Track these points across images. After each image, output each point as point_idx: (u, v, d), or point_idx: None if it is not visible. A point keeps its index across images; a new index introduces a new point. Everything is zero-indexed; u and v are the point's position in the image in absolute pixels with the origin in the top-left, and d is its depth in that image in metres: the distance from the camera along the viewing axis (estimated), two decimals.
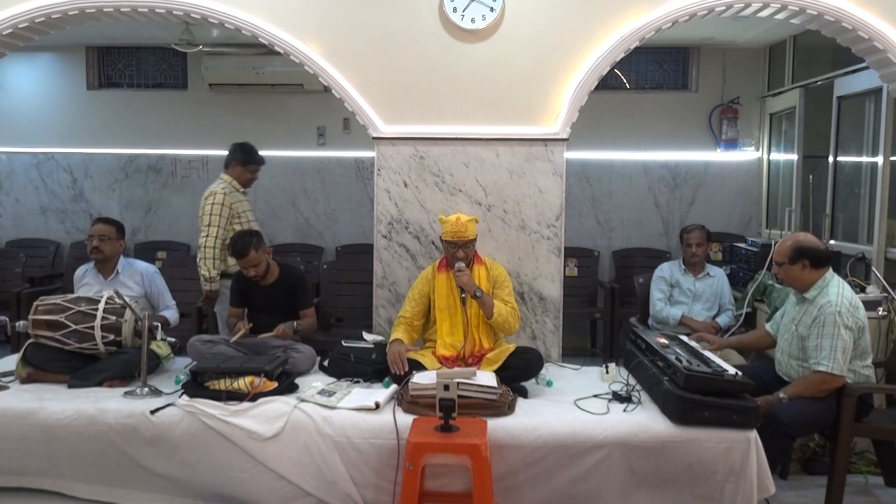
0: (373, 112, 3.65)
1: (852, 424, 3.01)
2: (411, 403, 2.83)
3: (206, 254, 3.93)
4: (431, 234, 3.70)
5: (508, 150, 3.65)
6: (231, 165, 4.16)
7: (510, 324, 3.31)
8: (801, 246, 3.11)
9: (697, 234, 4.28)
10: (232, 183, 4.11)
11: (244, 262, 3.52)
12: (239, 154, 4.16)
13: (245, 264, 3.52)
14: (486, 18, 3.53)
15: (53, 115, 6.29)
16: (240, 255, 3.50)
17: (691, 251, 4.25)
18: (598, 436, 2.74)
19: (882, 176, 4.24)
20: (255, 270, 3.54)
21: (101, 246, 3.63)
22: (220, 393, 2.91)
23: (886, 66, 3.57)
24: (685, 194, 6.13)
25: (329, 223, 6.31)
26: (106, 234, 3.65)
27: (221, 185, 4.05)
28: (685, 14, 3.48)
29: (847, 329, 2.97)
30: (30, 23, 3.59)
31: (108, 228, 3.68)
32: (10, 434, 2.86)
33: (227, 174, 4.14)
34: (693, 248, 4.25)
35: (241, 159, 4.15)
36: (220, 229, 3.94)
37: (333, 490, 2.77)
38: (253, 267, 3.53)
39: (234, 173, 4.14)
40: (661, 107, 6.11)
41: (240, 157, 4.15)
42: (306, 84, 5.87)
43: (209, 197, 3.99)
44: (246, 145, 4.20)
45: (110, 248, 3.66)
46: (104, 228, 3.67)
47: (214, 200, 3.96)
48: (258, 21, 3.58)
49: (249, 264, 3.52)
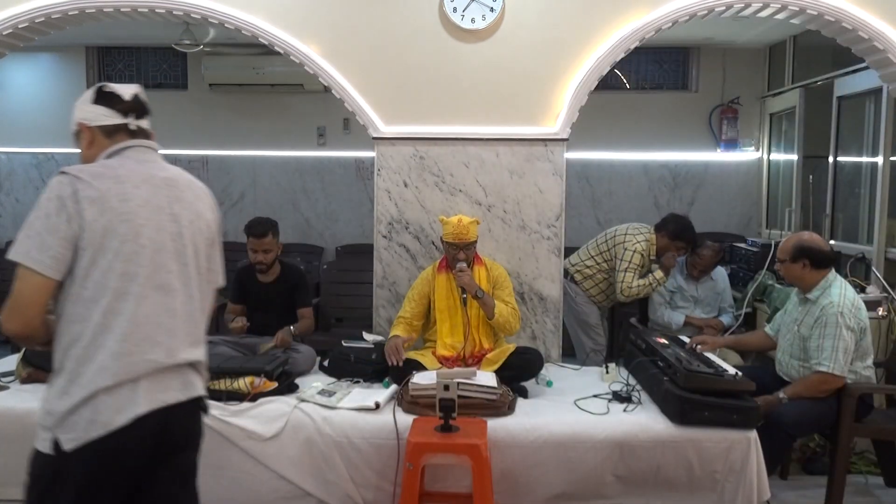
0: (373, 112, 3.65)
1: (852, 424, 3.01)
2: (411, 403, 2.83)
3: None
4: (431, 235, 3.70)
5: (508, 150, 3.65)
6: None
7: (511, 324, 3.31)
8: (804, 245, 3.11)
9: (708, 258, 4.13)
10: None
11: (258, 244, 3.53)
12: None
13: (258, 246, 3.54)
14: (486, 18, 3.53)
15: (53, 115, 6.27)
16: (257, 235, 3.51)
17: (697, 270, 4.16)
18: (598, 436, 2.74)
19: (882, 176, 4.24)
20: (263, 256, 3.56)
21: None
22: (220, 393, 2.91)
23: (886, 66, 3.57)
24: (685, 194, 6.12)
25: (329, 223, 6.31)
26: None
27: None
28: (685, 14, 3.48)
29: (849, 330, 2.97)
30: (30, 23, 3.59)
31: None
32: (10, 434, 2.85)
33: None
34: (698, 269, 4.15)
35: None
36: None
37: (333, 490, 2.76)
38: (263, 252, 3.54)
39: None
40: (661, 107, 6.11)
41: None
42: (306, 84, 5.87)
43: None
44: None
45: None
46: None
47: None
48: (258, 21, 3.57)
49: (262, 247, 3.54)
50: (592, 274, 4.17)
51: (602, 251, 4.16)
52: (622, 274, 3.99)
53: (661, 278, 4.00)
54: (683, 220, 4.11)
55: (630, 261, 3.98)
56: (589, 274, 4.17)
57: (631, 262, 3.98)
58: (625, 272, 3.99)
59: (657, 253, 4.09)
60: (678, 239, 4.03)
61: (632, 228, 4.12)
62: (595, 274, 4.17)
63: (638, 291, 4.01)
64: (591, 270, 4.17)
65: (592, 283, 4.18)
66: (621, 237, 4.09)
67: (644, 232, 4.09)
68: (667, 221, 4.11)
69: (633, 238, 4.04)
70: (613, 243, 4.11)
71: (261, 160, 6.30)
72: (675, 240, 4.03)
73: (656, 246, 4.07)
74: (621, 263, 4.01)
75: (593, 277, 4.17)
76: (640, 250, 3.99)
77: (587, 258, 4.21)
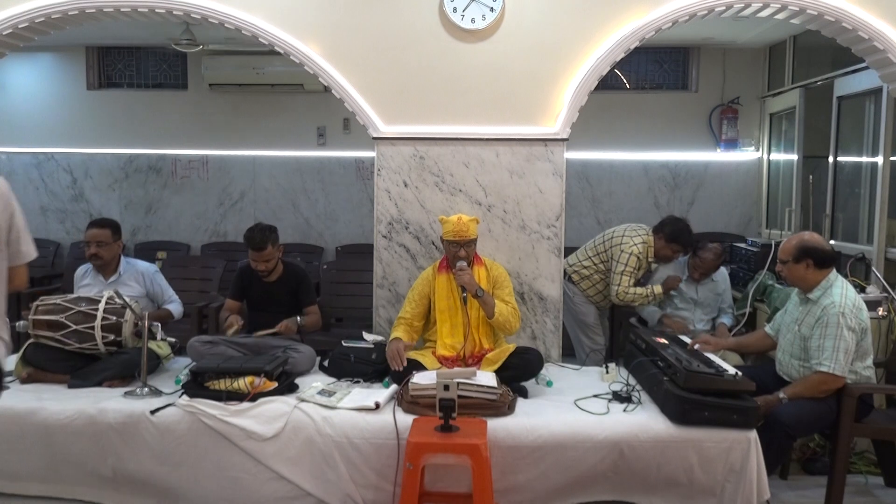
0: (373, 112, 3.65)
1: (852, 424, 3.01)
2: (411, 403, 2.83)
3: None
4: (431, 235, 3.70)
5: (508, 150, 3.65)
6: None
7: (511, 323, 3.31)
8: (806, 245, 3.10)
9: (710, 262, 4.08)
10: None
11: (258, 256, 3.52)
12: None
13: (259, 258, 3.53)
14: (486, 18, 3.53)
15: (53, 115, 6.29)
16: (256, 248, 3.50)
17: (698, 272, 4.12)
18: (598, 436, 2.74)
19: (882, 176, 4.24)
20: (265, 265, 3.55)
21: (99, 252, 3.59)
22: (221, 393, 2.91)
23: (886, 66, 3.57)
24: (685, 194, 6.12)
25: (329, 223, 6.31)
26: (102, 239, 3.60)
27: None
28: (685, 14, 3.48)
29: (850, 330, 2.97)
30: (30, 23, 3.59)
31: (103, 233, 3.61)
32: (10, 434, 2.86)
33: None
34: (699, 271, 4.11)
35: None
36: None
37: (333, 490, 2.77)
38: (265, 262, 3.54)
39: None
40: (661, 107, 6.11)
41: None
42: (306, 84, 5.87)
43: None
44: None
45: (109, 252, 3.62)
46: (99, 234, 3.60)
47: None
48: (258, 21, 3.58)
49: (263, 259, 3.53)
50: (589, 275, 4.17)
51: (599, 252, 4.16)
52: (618, 277, 3.99)
53: (658, 293, 4.01)
54: (681, 223, 4.09)
55: (626, 263, 3.98)
56: (586, 275, 4.18)
57: (627, 265, 3.98)
58: (621, 275, 3.99)
59: (655, 255, 4.08)
60: (674, 242, 4.02)
61: (629, 230, 4.11)
62: (592, 275, 4.17)
63: (633, 299, 4.01)
64: (588, 271, 4.17)
65: (589, 283, 4.19)
66: (618, 238, 4.08)
67: (641, 234, 4.07)
68: (664, 224, 4.09)
69: (629, 240, 4.03)
70: (610, 244, 4.11)
71: (261, 160, 6.30)
72: (670, 243, 4.03)
73: (654, 248, 4.06)
74: (617, 266, 4.01)
75: (590, 278, 4.17)
76: (636, 252, 3.99)
77: (584, 258, 4.21)
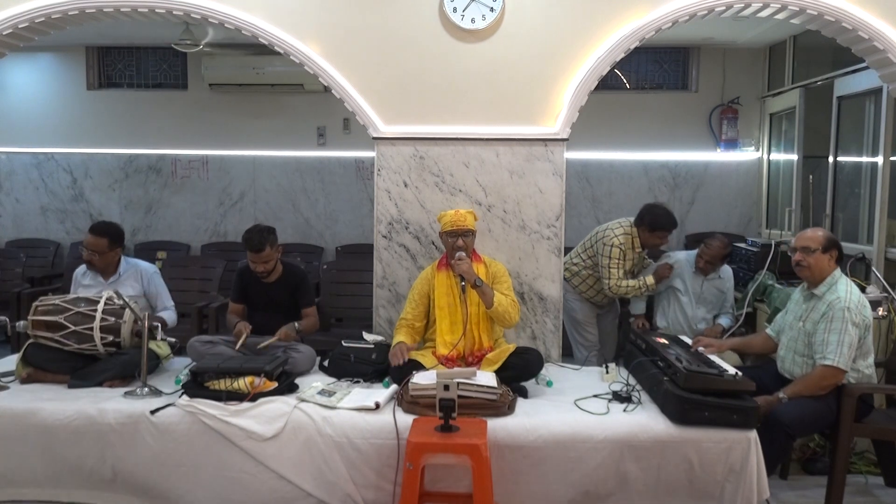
0: (373, 112, 3.65)
1: (852, 424, 3.01)
2: (411, 403, 2.83)
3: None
4: (431, 234, 3.70)
5: (508, 150, 3.65)
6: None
7: (510, 314, 3.30)
8: (833, 238, 3.19)
9: (717, 248, 4.09)
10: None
11: (257, 258, 3.52)
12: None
13: (257, 260, 3.52)
14: (486, 18, 3.53)
15: (53, 115, 6.30)
16: (255, 249, 3.49)
17: (703, 260, 4.13)
18: (598, 436, 2.74)
19: (882, 176, 4.24)
20: (264, 267, 3.55)
21: (92, 259, 3.60)
22: (220, 393, 2.91)
23: (886, 66, 3.57)
24: (685, 194, 6.13)
25: (329, 223, 6.32)
26: (97, 248, 3.57)
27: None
28: (685, 14, 3.48)
29: (854, 325, 2.99)
30: (30, 23, 3.59)
31: (99, 243, 3.58)
32: (9, 434, 2.86)
33: None
34: (704, 259, 4.13)
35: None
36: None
37: (333, 490, 2.76)
38: (263, 263, 3.53)
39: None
40: (661, 107, 6.12)
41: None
42: (306, 84, 5.88)
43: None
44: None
45: (103, 261, 3.61)
46: (95, 243, 3.58)
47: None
48: (258, 21, 3.57)
49: (262, 260, 3.52)
50: (578, 271, 4.25)
51: (586, 248, 4.25)
52: (606, 270, 4.06)
53: (651, 285, 4.08)
54: (657, 208, 4.14)
55: (610, 256, 4.05)
56: (575, 271, 4.25)
57: (612, 258, 4.04)
58: (608, 268, 4.05)
59: (644, 246, 4.14)
60: (658, 229, 4.07)
61: (613, 224, 4.19)
62: (580, 271, 4.24)
63: (626, 291, 4.08)
64: (577, 267, 4.25)
65: (580, 279, 4.25)
66: (601, 234, 4.16)
67: (624, 224, 4.14)
68: (642, 215, 4.13)
69: (611, 233, 4.11)
70: (594, 241, 4.19)
71: (261, 160, 6.31)
72: (654, 231, 4.07)
73: (639, 240, 4.11)
74: (603, 259, 4.08)
75: (579, 274, 4.24)
76: (617, 244, 4.05)
77: (574, 256, 4.30)
